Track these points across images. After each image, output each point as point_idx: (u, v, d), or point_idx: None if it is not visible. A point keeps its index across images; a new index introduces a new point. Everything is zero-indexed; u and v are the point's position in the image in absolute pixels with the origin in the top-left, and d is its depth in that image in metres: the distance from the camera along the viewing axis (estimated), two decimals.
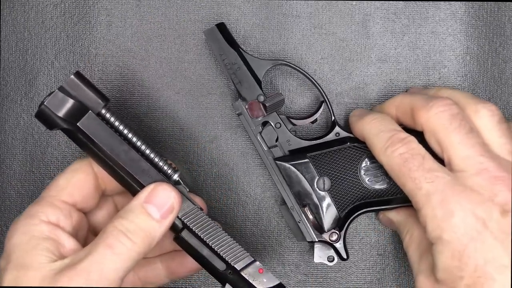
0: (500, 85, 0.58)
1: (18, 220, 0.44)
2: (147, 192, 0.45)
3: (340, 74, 0.57)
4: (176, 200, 0.45)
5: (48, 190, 0.46)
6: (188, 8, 0.57)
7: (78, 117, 0.46)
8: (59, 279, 0.40)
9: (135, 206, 0.44)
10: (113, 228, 0.43)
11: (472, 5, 0.57)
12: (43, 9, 0.57)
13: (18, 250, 0.42)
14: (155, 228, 0.44)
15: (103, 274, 0.40)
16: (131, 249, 0.42)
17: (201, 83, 0.57)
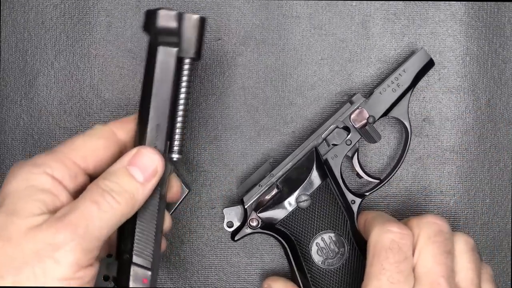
0: (500, 85, 0.58)
1: (21, 165, 0.43)
2: (131, 155, 0.44)
3: (340, 75, 0.57)
4: (159, 163, 0.44)
5: (62, 146, 0.45)
6: (188, 9, 0.57)
7: (164, 43, 0.45)
8: (45, 230, 0.39)
9: (118, 168, 0.44)
10: (97, 187, 0.42)
11: (472, 6, 0.57)
12: (43, 10, 0.57)
13: (13, 195, 0.41)
14: (138, 190, 0.43)
15: (89, 229, 0.40)
16: (116, 208, 0.42)
17: (201, 83, 0.57)
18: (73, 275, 0.39)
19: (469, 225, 0.58)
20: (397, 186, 0.58)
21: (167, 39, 0.44)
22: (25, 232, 0.39)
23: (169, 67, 0.45)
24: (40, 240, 0.39)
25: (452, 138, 0.58)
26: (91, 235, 0.40)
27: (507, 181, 0.58)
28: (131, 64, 0.57)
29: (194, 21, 0.45)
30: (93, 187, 0.42)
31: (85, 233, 0.40)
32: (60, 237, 0.39)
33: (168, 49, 0.45)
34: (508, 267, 0.58)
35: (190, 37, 0.45)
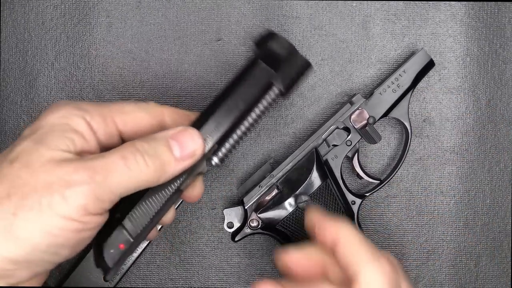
0: (500, 86, 0.58)
1: (64, 103, 0.43)
2: (177, 130, 0.44)
3: (340, 76, 0.57)
4: (200, 148, 0.44)
5: (112, 104, 0.45)
6: (188, 9, 0.57)
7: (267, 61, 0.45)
8: (64, 166, 0.39)
9: (160, 136, 0.43)
10: (132, 145, 0.41)
11: (472, 6, 0.57)
12: (43, 10, 0.57)
13: (47, 127, 0.41)
14: (171, 163, 0.42)
15: (107, 180, 0.39)
16: (142, 171, 0.41)
17: (201, 84, 0.57)
18: (77, 217, 0.39)
19: (469, 226, 0.58)
20: (397, 187, 0.58)
21: (270, 60, 0.45)
22: (44, 162, 0.39)
23: (259, 82, 0.45)
24: (56, 173, 0.39)
25: (452, 138, 0.58)
26: (108, 186, 0.39)
27: (507, 181, 0.58)
28: (131, 65, 0.57)
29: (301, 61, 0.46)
30: (128, 145, 0.41)
31: (102, 181, 0.39)
32: (76, 177, 0.38)
33: (267, 67, 0.45)
34: (508, 268, 0.58)
35: (291, 72, 0.46)
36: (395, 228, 0.58)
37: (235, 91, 0.45)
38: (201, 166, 0.45)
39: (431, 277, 0.58)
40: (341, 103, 0.57)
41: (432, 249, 0.58)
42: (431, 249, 0.58)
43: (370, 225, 0.58)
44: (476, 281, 0.58)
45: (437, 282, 0.58)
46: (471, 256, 0.58)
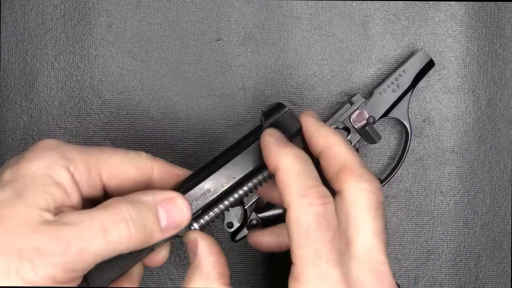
0: (500, 86, 0.58)
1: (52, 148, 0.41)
2: (166, 196, 0.42)
3: (340, 75, 0.57)
4: (187, 220, 0.42)
5: (99, 152, 0.43)
6: (188, 9, 0.57)
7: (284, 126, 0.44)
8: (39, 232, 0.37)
9: (149, 202, 0.41)
10: (117, 212, 0.39)
11: (472, 6, 0.57)
12: (43, 10, 0.57)
13: (28, 177, 0.39)
14: (156, 234, 0.41)
15: (82, 253, 0.37)
16: (124, 241, 0.39)
17: (201, 84, 0.57)
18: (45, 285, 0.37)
19: (469, 226, 0.58)
20: (397, 187, 0.58)
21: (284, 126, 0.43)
22: (20, 223, 0.38)
23: (258, 159, 0.43)
24: (29, 239, 0.37)
25: (452, 138, 0.58)
26: (81, 258, 0.38)
27: (507, 181, 0.58)
28: (131, 65, 0.57)
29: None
30: (112, 209, 0.39)
31: (76, 255, 0.37)
32: (49, 248, 0.37)
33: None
34: (508, 268, 0.58)
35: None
36: (395, 228, 0.58)
37: (234, 160, 0.43)
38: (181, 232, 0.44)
39: (431, 277, 0.58)
40: (341, 103, 0.57)
41: (432, 249, 0.58)
42: (431, 249, 0.58)
43: None
44: (476, 281, 0.58)
45: (437, 282, 0.58)
46: (471, 256, 0.58)
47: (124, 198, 0.41)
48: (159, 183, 0.45)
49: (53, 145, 0.41)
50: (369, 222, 0.41)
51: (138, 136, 0.57)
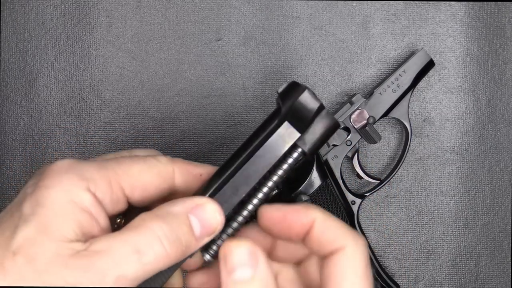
0: (500, 86, 0.58)
1: (67, 170, 0.38)
2: (196, 203, 0.40)
3: (340, 75, 0.57)
4: (221, 225, 0.40)
5: (116, 164, 0.40)
6: (188, 9, 0.57)
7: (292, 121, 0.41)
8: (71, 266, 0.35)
9: (180, 212, 0.39)
10: (148, 230, 0.37)
11: (472, 6, 0.57)
12: (43, 10, 0.57)
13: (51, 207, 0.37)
14: (191, 245, 0.39)
15: (118, 281, 0.35)
16: (161, 260, 0.37)
17: (201, 84, 0.57)
18: None
19: (470, 226, 0.58)
20: (397, 187, 0.58)
21: (297, 120, 0.41)
22: (50, 260, 0.35)
23: (282, 146, 0.41)
24: (62, 277, 0.35)
25: (452, 138, 0.58)
26: (119, 284, 0.36)
27: (507, 181, 0.58)
28: (131, 65, 0.57)
29: (329, 121, 0.41)
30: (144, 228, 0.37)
31: (113, 283, 0.35)
32: (84, 281, 0.35)
33: (292, 130, 0.41)
34: (508, 268, 0.58)
35: (316, 133, 0.41)
36: (395, 228, 0.58)
37: (258, 153, 0.41)
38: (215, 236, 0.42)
39: (431, 277, 0.58)
40: (341, 103, 0.57)
41: (432, 249, 0.58)
42: (431, 249, 0.58)
43: (370, 225, 0.58)
44: (476, 281, 0.58)
45: (437, 282, 0.58)
46: (471, 256, 0.58)
47: (153, 213, 0.38)
48: (183, 186, 0.43)
49: (68, 166, 0.39)
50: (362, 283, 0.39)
51: (138, 136, 0.57)
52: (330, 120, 0.41)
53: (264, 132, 0.41)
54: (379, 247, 0.58)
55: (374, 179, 0.56)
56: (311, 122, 0.41)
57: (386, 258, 0.58)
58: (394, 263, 0.58)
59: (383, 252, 0.58)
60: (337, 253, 0.39)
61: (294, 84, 0.42)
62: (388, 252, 0.58)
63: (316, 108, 0.41)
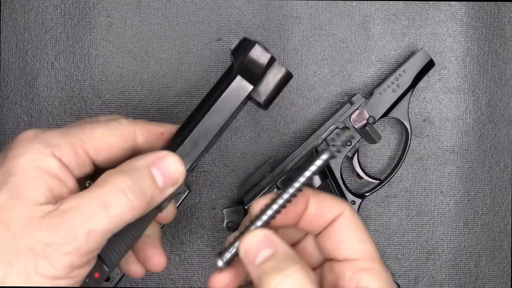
0: (500, 86, 0.58)
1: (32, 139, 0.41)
2: (157, 156, 0.42)
3: (340, 75, 0.57)
4: (181, 175, 0.43)
5: (80, 129, 0.42)
6: (188, 9, 0.57)
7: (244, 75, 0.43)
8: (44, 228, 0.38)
9: (142, 165, 0.41)
10: (113, 185, 0.39)
11: (472, 6, 0.57)
12: (43, 10, 0.57)
13: (21, 174, 0.39)
14: (156, 195, 0.41)
15: (90, 235, 0.38)
16: (128, 212, 0.39)
17: (201, 84, 0.57)
18: (66, 275, 0.38)
19: (470, 226, 0.58)
20: (397, 187, 0.58)
21: (249, 74, 0.43)
22: (24, 223, 0.38)
23: (236, 99, 0.43)
24: (37, 237, 0.38)
25: (452, 138, 0.58)
26: (91, 240, 0.38)
27: (507, 181, 0.58)
28: (131, 65, 0.57)
29: (281, 72, 0.44)
30: (109, 183, 0.40)
31: (85, 238, 0.38)
32: (57, 239, 0.38)
33: (245, 83, 0.43)
34: (508, 268, 0.58)
35: (269, 84, 0.44)
36: (395, 228, 0.58)
37: (213, 108, 0.43)
38: (180, 187, 0.44)
39: (431, 277, 0.58)
40: (341, 103, 0.57)
41: (432, 249, 0.58)
42: (431, 249, 0.58)
43: (370, 225, 0.58)
44: (476, 281, 0.58)
45: (437, 282, 0.58)
46: (471, 256, 0.58)
47: (117, 169, 0.41)
48: (146, 145, 0.45)
49: (33, 135, 0.41)
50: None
51: None
52: (282, 70, 0.44)
53: (219, 88, 0.44)
54: (379, 247, 0.58)
55: (374, 179, 0.56)
56: (263, 74, 0.43)
57: (386, 258, 0.58)
58: (394, 263, 0.58)
59: (383, 252, 0.58)
60: (338, 219, 0.41)
61: (245, 40, 0.44)
62: (388, 252, 0.58)
63: (267, 61, 0.43)
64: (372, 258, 0.41)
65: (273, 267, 0.38)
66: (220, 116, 0.43)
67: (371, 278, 0.41)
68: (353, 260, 0.41)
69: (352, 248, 0.41)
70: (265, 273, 0.38)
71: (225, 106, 0.43)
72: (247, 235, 0.40)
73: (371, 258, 0.41)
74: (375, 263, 0.41)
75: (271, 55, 0.43)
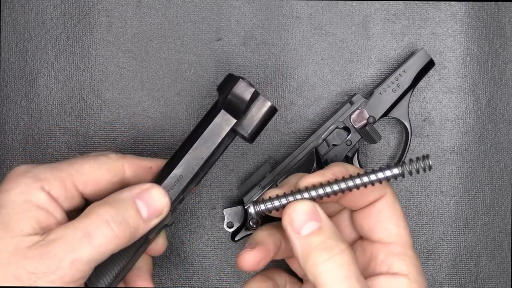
0: (500, 86, 0.58)
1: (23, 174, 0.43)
2: (141, 188, 0.44)
3: (340, 75, 0.57)
4: (166, 207, 0.44)
5: (69, 164, 0.45)
6: (188, 9, 0.57)
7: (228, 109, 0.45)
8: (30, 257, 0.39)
9: (126, 197, 0.43)
10: (97, 216, 0.41)
11: (472, 6, 0.57)
12: (43, 10, 0.57)
13: (11, 207, 0.41)
14: (140, 227, 0.43)
15: (74, 264, 0.39)
16: (111, 241, 0.41)
17: (201, 84, 0.57)
18: None
19: (470, 226, 0.58)
20: (397, 187, 0.58)
21: (232, 108, 0.45)
22: (11, 253, 0.39)
23: (219, 133, 0.45)
24: (23, 266, 0.39)
25: (452, 138, 0.58)
26: (75, 268, 0.39)
27: (507, 181, 0.58)
28: (131, 65, 0.57)
29: (265, 106, 0.46)
30: (92, 214, 0.41)
31: (69, 267, 0.39)
32: (43, 268, 0.39)
33: (228, 117, 0.45)
34: (508, 268, 0.58)
35: (254, 118, 0.46)
36: None
37: (197, 142, 0.45)
38: (167, 219, 0.46)
39: (431, 277, 0.58)
40: (341, 103, 0.57)
41: (432, 249, 0.58)
42: (431, 249, 0.58)
43: None
44: (476, 281, 0.58)
45: (437, 282, 0.58)
46: (471, 256, 0.58)
47: (103, 201, 0.43)
48: (134, 180, 0.47)
49: (24, 171, 0.44)
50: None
51: (138, 136, 0.57)
52: (267, 104, 0.46)
53: (204, 122, 0.46)
54: None
55: None
56: (247, 108, 0.45)
57: None
58: None
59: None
60: (380, 200, 0.44)
61: (230, 76, 0.46)
62: None
63: (250, 95, 0.45)
64: (405, 244, 0.44)
65: (321, 243, 0.40)
66: (204, 150, 0.45)
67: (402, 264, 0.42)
68: (387, 244, 0.44)
69: (389, 231, 0.44)
70: (312, 248, 0.40)
71: (209, 140, 0.45)
72: (295, 203, 0.42)
73: (405, 244, 0.44)
74: (407, 249, 0.44)
75: (255, 90, 0.45)
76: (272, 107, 0.46)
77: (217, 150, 0.46)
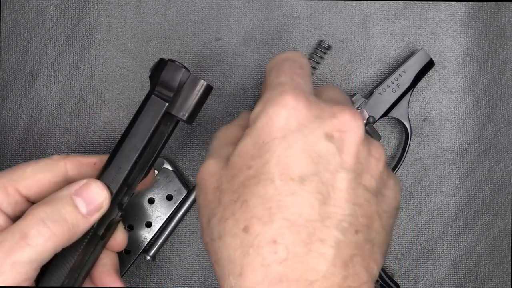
0: (500, 86, 0.58)
1: None
2: (79, 185, 0.44)
3: (340, 75, 0.58)
4: (106, 200, 0.44)
5: (11, 171, 0.46)
6: (188, 9, 0.57)
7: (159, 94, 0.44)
8: None
9: (63, 195, 0.43)
10: (33, 216, 0.41)
11: (472, 6, 0.57)
12: (43, 10, 0.57)
13: None
14: (79, 222, 0.43)
15: (16, 267, 0.40)
16: (49, 240, 0.41)
17: None
18: None
19: (469, 226, 0.58)
20: None
21: (163, 91, 0.44)
22: None
23: (153, 119, 0.44)
24: None
25: (452, 138, 0.58)
26: (18, 271, 0.40)
27: (507, 181, 0.58)
28: (131, 64, 0.57)
29: (198, 85, 0.44)
30: (29, 216, 0.41)
31: (11, 270, 0.39)
32: None
33: (159, 101, 0.44)
34: (508, 268, 0.58)
35: (188, 98, 0.44)
36: (395, 228, 0.58)
37: (131, 131, 0.45)
38: (113, 212, 0.46)
39: (431, 277, 0.58)
40: None
41: (432, 249, 0.58)
42: (431, 249, 0.58)
43: None
44: (476, 281, 0.58)
45: (437, 282, 0.58)
46: (471, 256, 0.58)
47: (40, 201, 0.43)
48: (79, 177, 0.46)
49: None
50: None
51: None
52: (199, 82, 0.44)
53: (138, 111, 0.45)
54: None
55: None
56: (179, 90, 0.44)
57: (386, 258, 0.58)
58: (394, 263, 0.58)
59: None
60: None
61: (159, 61, 0.45)
62: (388, 252, 0.58)
63: (180, 76, 0.44)
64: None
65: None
66: (139, 138, 0.44)
67: None
68: None
69: None
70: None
71: (143, 127, 0.44)
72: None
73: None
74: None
75: (184, 69, 0.44)
76: (205, 85, 0.44)
77: (153, 136, 0.45)
